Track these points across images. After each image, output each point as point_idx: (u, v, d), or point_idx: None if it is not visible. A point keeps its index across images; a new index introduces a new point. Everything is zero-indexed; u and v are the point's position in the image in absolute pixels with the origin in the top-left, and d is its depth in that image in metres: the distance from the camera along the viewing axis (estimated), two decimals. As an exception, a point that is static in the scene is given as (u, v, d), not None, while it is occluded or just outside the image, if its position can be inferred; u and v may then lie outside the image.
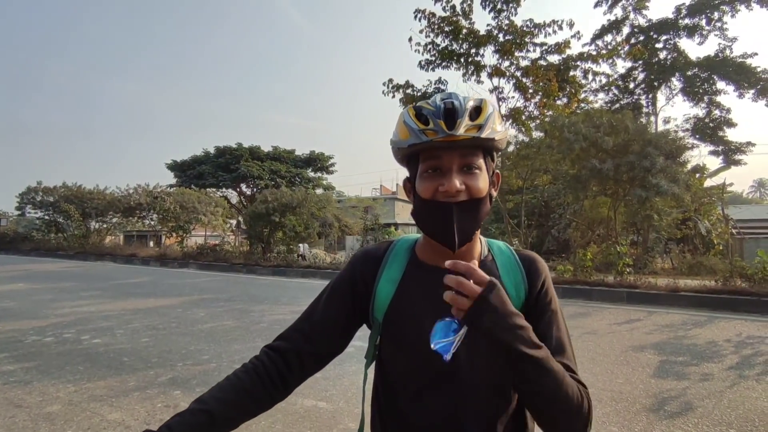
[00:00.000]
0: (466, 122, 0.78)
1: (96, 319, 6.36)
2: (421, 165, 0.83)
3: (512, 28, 10.71)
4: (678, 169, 10.08)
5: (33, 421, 3.03)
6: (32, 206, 24.37)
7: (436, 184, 0.81)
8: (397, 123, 0.85)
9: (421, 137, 0.79)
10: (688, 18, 19.42)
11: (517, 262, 0.91)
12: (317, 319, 0.93)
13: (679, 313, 6.92)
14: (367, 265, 0.94)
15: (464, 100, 0.81)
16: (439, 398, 0.86)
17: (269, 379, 0.86)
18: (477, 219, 0.83)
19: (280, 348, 0.90)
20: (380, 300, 0.90)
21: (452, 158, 0.80)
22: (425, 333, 0.82)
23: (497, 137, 0.82)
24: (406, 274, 0.91)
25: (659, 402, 3.37)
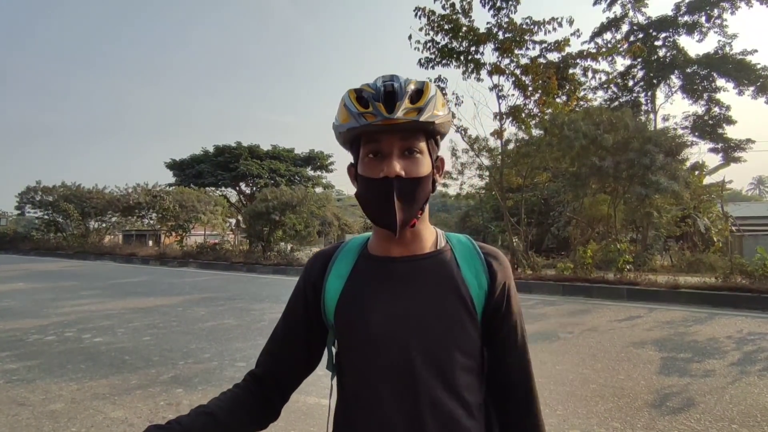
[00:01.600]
0: (405, 105, 0.76)
1: (97, 318, 6.37)
2: (362, 149, 0.81)
3: (512, 26, 10.70)
4: (677, 166, 10.09)
5: (36, 419, 3.04)
6: (31, 206, 24.36)
7: (377, 168, 0.79)
8: (339, 106, 0.82)
9: (360, 120, 0.77)
10: (688, 15, 19.43)
11: (478, 253, 0.88)
12: (280, 337, 0.92)
13: (680, 309, 6.94)
14: (316, 266, 0.92)
15: (405, 82, 0.79)
16: (396, 402, 0.79)
17: (256, 403, 0.88)
18: (417, 199, 0.80)
19: (257, 374, 0.91)
20: (329, 298, 0.87)
21: (392, 142, 0.79)
22: (375, 329, 0.82)
23: (438, 120, 0.80)
24: (355, 267, 0.88)
25: (661, 398, 3.38)
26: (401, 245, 0.85)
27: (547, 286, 8.94)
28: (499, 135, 12.08)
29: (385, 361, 0.80)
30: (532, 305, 7.55)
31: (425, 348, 0.80)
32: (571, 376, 3.88)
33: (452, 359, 0.80)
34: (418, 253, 0.85)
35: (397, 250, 0.85)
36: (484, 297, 0.84)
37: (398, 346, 0.80)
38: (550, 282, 9.06)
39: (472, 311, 0.82)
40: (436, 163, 0.86)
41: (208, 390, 3.56)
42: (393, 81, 0.79)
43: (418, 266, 0.84)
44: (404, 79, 0.80)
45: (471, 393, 0.82)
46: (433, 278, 0.83)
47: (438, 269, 0.84)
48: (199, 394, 3.48)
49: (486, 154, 13.26)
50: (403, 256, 0.85)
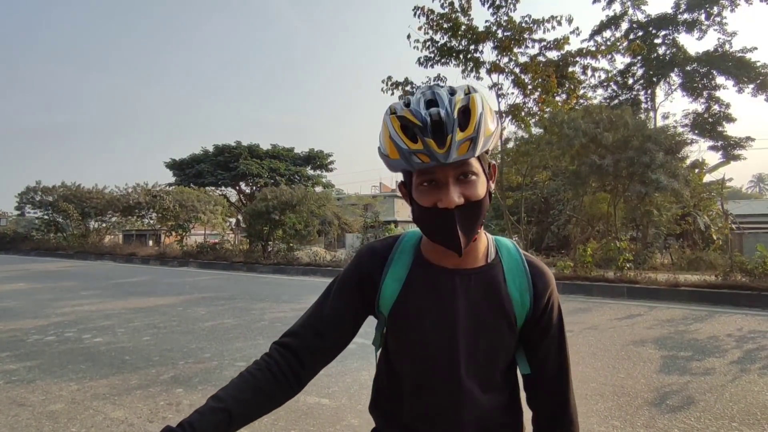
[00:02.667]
0: (457, 138, 0.74)
1: (97, 318, 6.36)
2: (415, 177, 0.81)
3: (511, 25, 10.68)
4: (677, 164, 10.09)
5: (36, 420, 3.04)
6: (31, 206, 24.34)
7: (433, 197, 0.79)
8: (382, 133, 0.81)
9: (412, 162, 0.76)
10: (687, 13, 19.41)
11: (525, 269, 0.91)
12: (327, 314, 0.92)
13: (680, 308, 6.94)
14: (374, 261, 0.94)
15: (450, 102, 0.76)
16: (437, 396, 0.89)
17: (283, 376, 0.86)
18: (478, 220, 0.82)
19: (291, 345, 0.89)
20: (385, 297, 0.91)
21: (447, 172, 0.78)
22: (427, 334, 0.88)
23: (490, 145, 0.80)
24: (411, 273, 0.91)
25: (661, 396, 3.38)
26: (456, 256, 0.86)
27: (547, 285, 8.93)
28: (498, 134, 12.07)
29: (433, 362, 0.88)
30: (532, 304, 7.55)
31: (467, 354, 0.87)
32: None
33: (491, 366, 0.90)
34: (471, 266, 0.89)
35: (452, 261, 0.89)
36: (525, 314, 0.89)
37: (445, 352, 0.88)
38: (550, 280, 9.06)
39: (513, 324, 0.89)
40: (489, 172, 0.86)
41: (208, 389, 3.56)
42: (438, 107, 0.76)
43: (470, 280, 0.89)
44: (448, 99, 0.77)
45: (503, 393, 0.92)
46: (482, 293, 0.88)
47: (487, 284, 0.89)
48: (199, 394, 3.48)
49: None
50: (458, 269, 0.89)
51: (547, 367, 0.92)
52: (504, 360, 0.91)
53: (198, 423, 0.76)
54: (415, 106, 0.78)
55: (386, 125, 0.80)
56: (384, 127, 0.80)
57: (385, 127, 0.80)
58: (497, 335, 0.88)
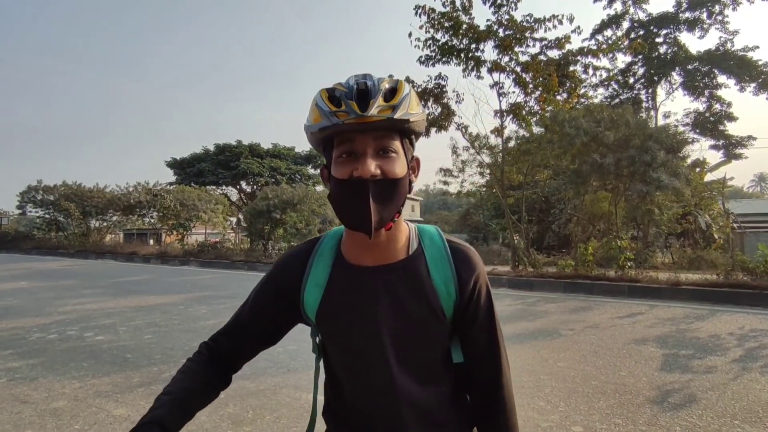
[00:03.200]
0: (379, 103, 0.75)
1: (98, 317, 6.37)
2: (335, 150, 0.80)
3: (512, 24, 10.68)
4: (678, 163, 10.08)
5: (39, 417, 3.04)
6: (33, 205, 24.37)
7: (350, 168, 0.77)
8: (310, 107, 0.81)
9: (332, 119, 0.75)
10: (689, 12, 19.38)
11: (448, 256, 0.88)
12: (245, 325, 0.95)
13: (681, 306, 6.94)
14: (292, 270, 0.92)
15: (379, 80, 0.78)
16: (374, 397, 0.88)
17: (214, 372, 0.93)
18: (393, 201, 0.79)
19: (214, 349, 0.95)
20: (309, 304, 0.89)
21: (366, 141, 0.77)
22: (353, 337, 0.87)
23: (412, 119, 0.78)
24: (332, 276, 0.89)
25: (663, 394, 3.38)
26: (375, 251, 0.85)
27: (548, 284, 8.94)
28: (499, 132, 12.07)
29: (365, 365, 0.87)
30: (533, 303, 7.55)
31: (398, 353, 0.85)
32: (572, 372, 3.89)
33: (425, 360, 0.88)
34: (392, 261, 0.86)
35: (371, 258, 0.86)
36: (452, 304, 0.86)
37: (374, 353, 0.86)
38: (551, 279, 9.07)
39: (441, 316, 0.86)
40: (412, 164, 0.85)
41: (211, 387, 3.57)
42: (366, 79, 0.78)
43: (392, 276, 0.86)
44: (378, 78, 0.79)
45: (443, 386, 0.90)
46: (405, 288, 0.85)
47: (410, 278, 0.86)
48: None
49: (487, 151, 13.27)
50: (378, 266, 0.86)
51: (477, 355, 0.90)
52: (439, 353, 0.89)
53: (164, 418, 0.81)
54: (346, 81, 0.80)
55: (314, 99, 0.80)
56: (312, 102, 0.80)
57: (313, 101, 0.80)
58: (426, 329, 0.86)
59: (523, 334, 5.27)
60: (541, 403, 3.24)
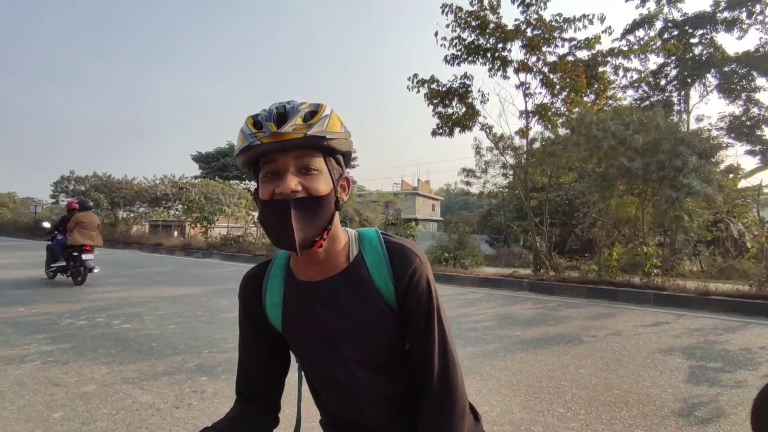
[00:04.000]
0: (295, 122, 0.78)
1: (125, 305, 6.58)
2: (260, 171, 0.82)
3: (541, 23, 10.49)
4: (711, 168, 9.74)
5: (70, 400, 3.17)
6: (65, 194, 25.26)
7: (272, 186, 0.80)
8: (238, 134, 0.84)
9: (251, 140, 0.79)
10: (727, 11, 18.67)
11: (385, 257, 0.90)
12: (246, 362, 1.00)
13: (710, 317, 6.71)
14: (250, 294, 0.97)
15: (298, 104, 0.81)
16: (346, 402, 0.95)
17: (256, 419, 0.97)
18: (318, 218, 0.81)
19: (244, 397, 0.99)
20: (274, 323, 0.96)
21: (287, 160, 0.80)
22: (312, 350, 0.93)
23: (330, 136, 0.81)
24: (285, 295, 0.94)
25: (689, 407, 3.29)
26: (317, 266, 0.90)
27: (570, 288, 8.78)
28: (524, 134, 11.90)
29: (329, 375, 0.93)
30: (554, 307, 7.44)
31: (357, 355, 0.91)
32: (594, 380, 3.81)
33: (387, 359, 0.92)
34: (333, 273, 0.91)
35: (316, 272, 0.91)
36: (394, 298, 0.90)
37: (336, 360, 0.91)
38: (573, 284, 8.90)
39: (391, 314, 0.90)
40: (341, 182, 0.88)
41: (232, 379, 3.61)
42: (286, 104, 0.82)
43: (337, 286, 0.90)
44: (299, 102, 0.83)
45: (406, 375, 0.94)
46: (351, 294, 0.90)
47: (353, 284, 0.90)
48: (223, 383, 3.56)
49: (511, 152, 13.09)
50: (324, 279, 0.91)
51: (415, 345, 0.91)
52: (395, 346, 0.93)
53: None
54: (270, 107, 0.84)
55: (241, 127, 0.84)
56: (239, 130, 0.84)
57: (240, 129, 0.84)
58: (378, 328, 0.90)
59: (544, 339, 5.20)
60: (561, 409, 3.20)
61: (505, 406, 3.23)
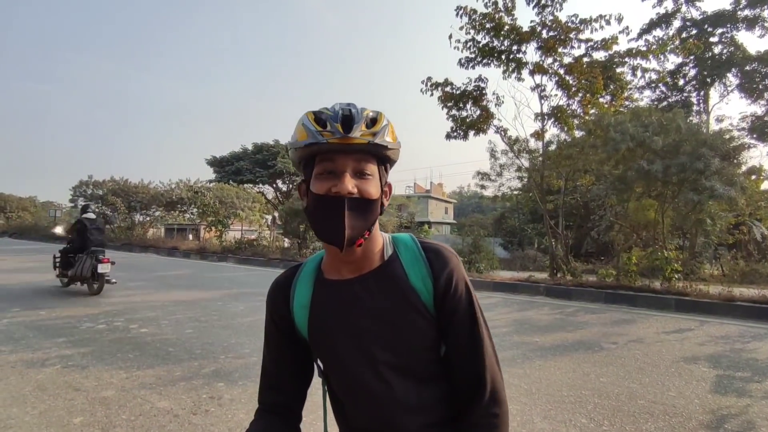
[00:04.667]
0: (361, 128, 0.82)
1: (143, 309, 6.64)
2: (316, 167, 0.85)
3: (557, 24, 10.37)
4: (734, 171, 9.48)
5: (90, 405, 3.19)
6: (84, 199, 25.75)
7: (329, 184, 0.83)
8: (296, 126, 0.87)
9: (318, 138, 0.82)
10: (748, 9, 18.26)
11: (422, 255, 0.92)
12: (270, 371, 1.00)
13: (736, 324, 6.52)
14: (279, 297, 0.98)
15: (361, 109, 0.84)
16: (372, 407, 0.90)
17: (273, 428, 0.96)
18: (366, 219, 0.84)
19: (266, 408, 0.99)
20: (300, 327, 0.95)
21: (346, 162, 0.83)
22: (340, 351, 0.90)
23: (390, 146, 0.86)
24: (314, 295, 0.94)
25: (718, 419, 3.17)
26: (352, 264, 0.91)
27: (588, 293, 8.62)
28: (540, 136, 11.76)
29: (357, 380, 0.90)
30: (572, 312, 7.30)
31: (387, 358, 0.88)
32: (616, 390, 3.71)
33: (417, 360, 0.89)
34: (367, 270, 0.91)
35: (349, 270, 0.91)
36: (431, 299, 0.89)
37: (363, 363, 0.89)
38: (591, 289, 8.74)
39: (425, 313, 0.89)
40: (384, 188, 0.91)
41: (248, 385, 3.64)
42: (350, 107, 0.84)
43: (370, 285, 0.90)
44: (360, 108, 0.85)
45: (438, 383, 0.91)
46: (385, 292, 0.89)
47: (388, 282, 0.90)
48: (240, 389, 3.56)
49: (526, 155, 12.95)
50: (356, 277, 0.91)
51: (459, 346, 0.90)
52: (430, 350, 0.91)
53: None
54: (331, 107, 0.86)
55: (301, 119, 0.86)
56: (298, 122, 0.87)
57: (299, 121, 0.86)
58: (412, 329, 0.88)
59: (563, 346, 5.09)
60: (583, 420, 3.11)
61: (525, 416, 3.16)
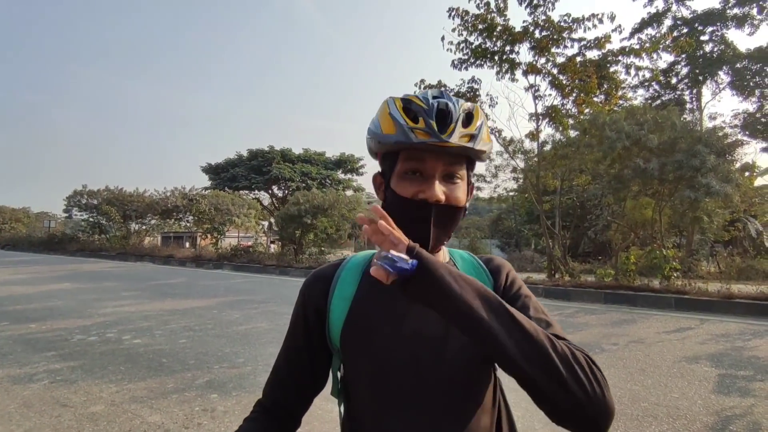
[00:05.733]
0: (459, 129, 0.74)
1: (136, 319, 6.53)
2: (400, 164, 0.78)
3: (549, 24, 10.37)
4: (729, 167, 9.48)
5: (78, 422, 3.08)
6: (78, 208, 25.59)
7: (416, 188, 0.76)
8: (380, 113, 0.78)
9: (410, 136, 0.73)
10: (738, 7, 18.38)
11: (480, 265, 0.89)
12: (283, 368, 0.91)
13: (735, 321, 6.47)
14: (316, 287, 0.88)
15: (457, 102, 0.76)
16: (409, 410, 0.78)
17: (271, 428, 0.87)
18: (451, 227, 0.80)
19: (265, 405, 0.90)
20: (334, 322, 0.84)
21: (437, 165, 0.76)
22: (383, 349, 0.79)
23: (488, 150, 0.80)
24: (360, 289, 0.85)
25: (722, 421, 3.11)
26: None
27: (587, 294, 8.56)
28: (534, 137, 11.74)
29: (394, 387, 0.78)
30: (571, 314, 7.24)
31: (438, 368, 0.77)
32: (619, 392, 3.64)
33: (469, 374, 0.79)
34: None
35: None
36: None
37: (408, 369, 0.78)
38: (590, 289, 8.68)
39: None
40: (468, 190, 0.86)
41: (242, 396, 3.55)
42: (446, 99, 0.76)
43: None
44: (455, 99, 0.77)
45: (481, 390, 0.81)
46: None
47: None
48: (234, 400, 3.46)
49: (521, 156, 12.93)
50: None
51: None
52: (484, 361, 0.80)
53: None
54: (422, 95, 0.77)
55: (386, 105, 0.78)
56: (382, 108, 0.78)
57: (383, 107, 0.78)
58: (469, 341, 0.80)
59: (563, 348, 5.02)
60: (586, 425, 3.04)
61: (527, 422, 3.08)
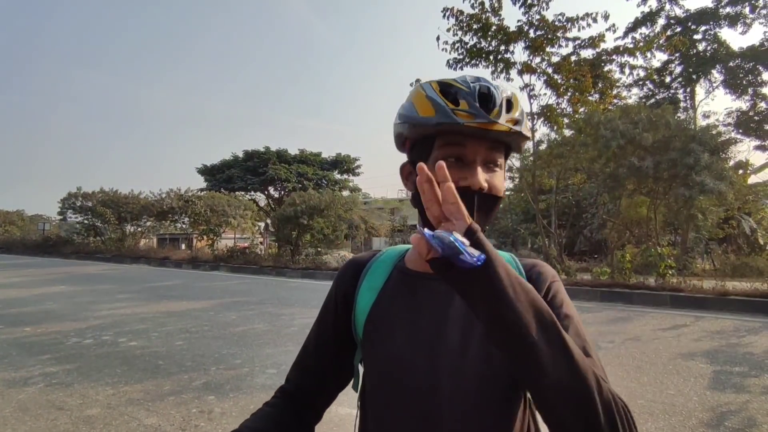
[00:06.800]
0: (503, 112, 0.70)
1: (132, 322, 6.50)
2: (438, 150, 0.72)
3: (544, 23, 10.41)
4: (723, 165, 9.55)
5: (74, 425, 3.07)
6: (73, 211, 25.40)
7: (457, 175, 0.69)
8: (414, 96, 0.74)
9: (452, 117, 0.68)
10: (730, 6, 18.48)
11: (521, 270, 0.81)
12: (311, 350, 0.88)
13: (730, 318, 6.51)
14: (348, 275, 0.86)
15: (497, 87, 0.72)
16: (414, 421, 0.73)
17: (289, 422, 0.83)
18: (490, 216, 0.75)
19: (288, 390, 0.87)
20: (360, 311, 0.82)
21: (478, 150, 0.71)
22: (401, 345, 0.76)
23: (528, 136, 0.76)
24: (389, 280, 0.82)
25: (718, 417, 3.13)
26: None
27: (583, 292, 8.59)
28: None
29: (408, 384, 0.74)
30: (567, 312, 7.26)
31: (457, 371, 0.71)
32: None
33: (490, 383, 0.71)
34: None
35: None
36: None
37: (425, 368, 0.73)
38: (586, 287, 8.72)
39: None
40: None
41: (240, 397, 3.54)
42: (487, 83, 0.72)
43: None
44: (496, 84, 0.73)
45: (509, 412, 0.72)
46: None
47: None
48: (231, 402, 3.46)
49: (517, 155, 12.97)
50: None
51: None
52: (515, 382, 0.73)
53: None
54: (460, 78, 0.73)
55: (421, 88, 0.73)
56: (415, 92, 0.74)
57: (417, 90, 0.74)
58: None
59: (560, 346, 5.04)
60: (583, 423, 3.05)
61: (524, 421, 3.09)
